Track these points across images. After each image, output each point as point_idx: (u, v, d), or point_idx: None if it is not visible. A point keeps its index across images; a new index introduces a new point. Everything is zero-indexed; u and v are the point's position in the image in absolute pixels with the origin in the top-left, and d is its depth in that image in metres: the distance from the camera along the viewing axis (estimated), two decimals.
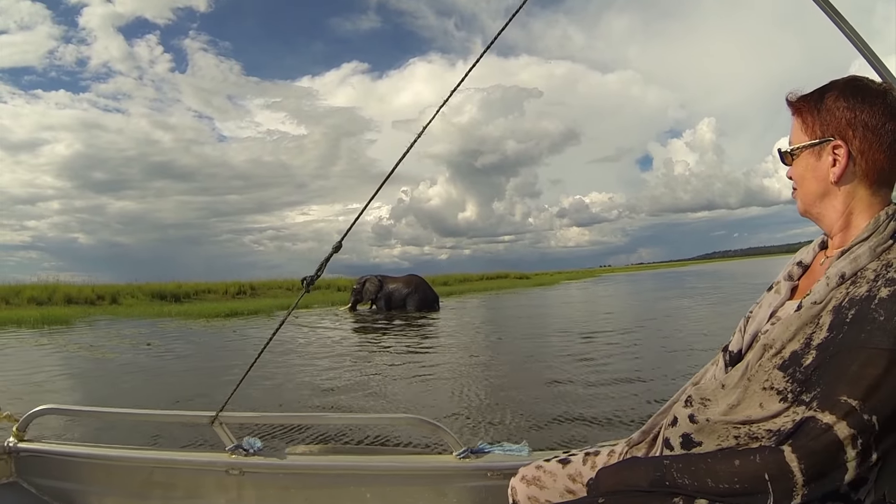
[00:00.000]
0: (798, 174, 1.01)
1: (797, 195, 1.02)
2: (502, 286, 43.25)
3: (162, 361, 9.83)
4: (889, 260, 0.87)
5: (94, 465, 1.82)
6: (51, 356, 10.51)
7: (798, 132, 0.99)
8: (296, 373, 8.17)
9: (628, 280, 56.39)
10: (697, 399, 0.98)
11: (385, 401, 6.30)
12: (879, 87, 0.94)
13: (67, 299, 23.65)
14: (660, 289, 32.89)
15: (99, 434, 4.32)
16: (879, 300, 0.82)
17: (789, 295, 1.03)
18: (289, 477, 1.72)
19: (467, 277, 48.87)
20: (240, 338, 13.54)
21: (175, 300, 26.79)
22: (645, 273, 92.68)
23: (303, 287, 1.64)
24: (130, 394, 7.02)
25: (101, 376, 8.44)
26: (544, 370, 7.78)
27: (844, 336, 0.83)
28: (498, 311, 21.41)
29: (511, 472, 1.29)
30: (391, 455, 1.85)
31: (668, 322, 13.70)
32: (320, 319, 17.61)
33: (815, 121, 0.96)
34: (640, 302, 23.35)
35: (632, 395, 5.96)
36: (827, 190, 0.97)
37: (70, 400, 6.72)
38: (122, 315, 20.61)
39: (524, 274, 60.80)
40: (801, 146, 0.99)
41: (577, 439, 4.45)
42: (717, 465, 0.86)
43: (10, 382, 7.85)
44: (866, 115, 0.92)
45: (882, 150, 0.92)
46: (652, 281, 48.39)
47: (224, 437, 1.74)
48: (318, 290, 31.96)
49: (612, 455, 1.18)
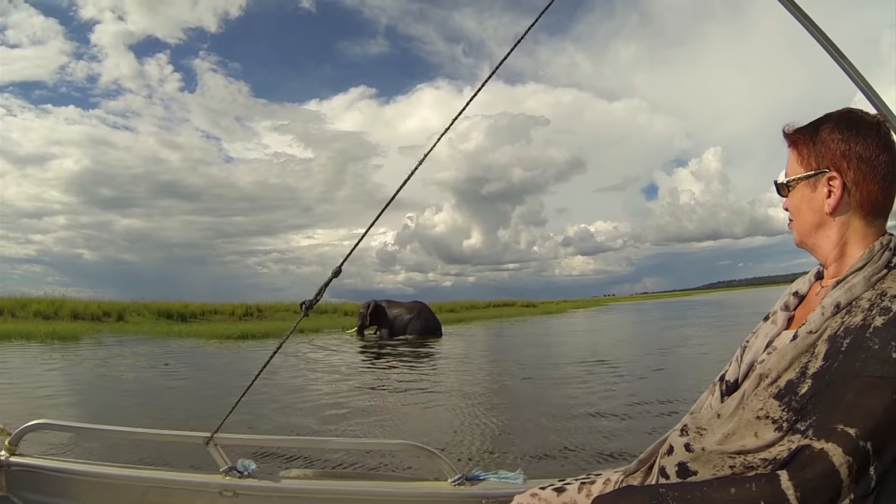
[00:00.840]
0: (794, 205, 1.02)
1: (793, 226, 1.04)
2: (510, 314, 42.88)
3: (183, 382, 9.57)
4: (883, 289, 0.88)
5: (86, 482, 1.78)
6: (68, 374, 10.23)
7: (794, 164, 1.01)
8: (298, 395, 8.10)
9: (635, 309, 55.87)
10: (693, 428, 0.99)
11: (383, 426, 6.21)
12: (873, 120, 0.96)
13: (74, 314, 23.48)
14: (669, 318, 32.48)
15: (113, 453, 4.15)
16: (874, 329, 0.83)
17: (786, 325, 1.04)
18: (282, 500, 1.70)
19: (474, 304, 48.63)
20: (257, 360, 13.14)
21: (181, 320, 26.64)
22: (651, 302, 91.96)
23: (301, 311, 1.64)
24: (158, 414, 6.73)
25: (123, 396, 8.16)
26: (547, 399, 7.57)
27: (840, 365, 0.83)
28: (506, 340, 21.05)
29: (506, 499, 1.29)
30: (386, 481, 1.81)
31: (679, 351, 13.41)
32: (329, 342, 17.85)
33: (811, 153, 0.98)
34: (652, 331, 22.94)
35: (639, 429, 5.69)
36: (822, 221, 0.98)
37: (97, 420, 6.41)
38: (130, 333, 20.40)
39: (531, 302, 60.29)
40: (796, 178, 1.00)
41: (574, 469, 4.20)
42: (712, 494, 0.86)
43: (29, 401, 7.57)
44: (860, 147, 0.93)
45: (876, 181, 0.94)
46: (660, 310, 47.87)
47: (218, 458, 1.73)
48: (325, 314, 32.10)
49: (607, 484, 1.17)
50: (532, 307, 55.21)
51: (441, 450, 1.71)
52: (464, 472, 1.67)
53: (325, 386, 9.16)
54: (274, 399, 7.59)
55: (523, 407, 7.05)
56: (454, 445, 5.17)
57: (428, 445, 1.71)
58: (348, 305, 32.87)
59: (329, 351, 15.53)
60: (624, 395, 7.38)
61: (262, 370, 1.65)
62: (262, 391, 8.27)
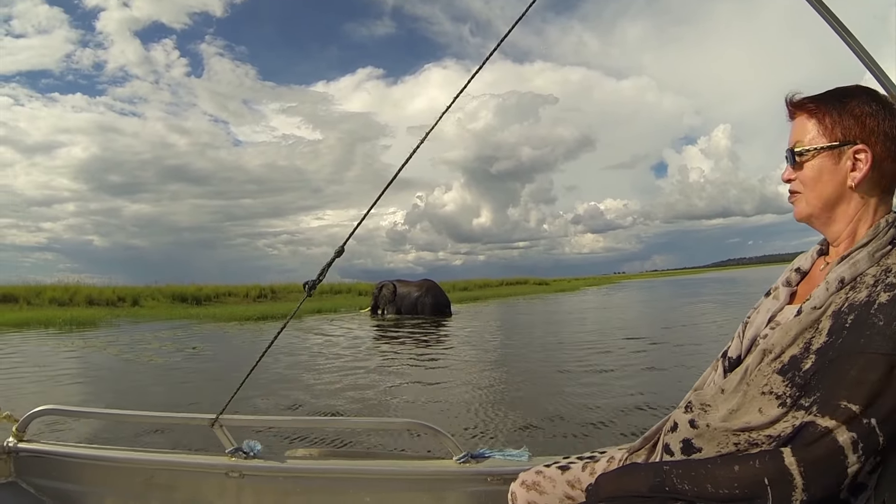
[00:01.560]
0: (810, 177, 0.98)
1: (802, 198, 1.00)
2: (524, 292, 42.56)
3: (214, 365, 9.20)
4: (888, 265, 0.88)
5: (94, 466, 1.80)
6: (96, 361, 9.86)
7: (812, 133, 0.97)
8: (311, 375, 8.01)
9: (648, 287, 55.46)
10: (697, 404, 0.98)
11: (391, 404, 6.10)
12: (892, 100, 0.96)
13: (89, 300, 23.42)
14: (686, 295, 32.04)
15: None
16: (879, 305, 0.83)
17: (788, 300, 1.04)
18: (288, 480, 1.71)
19: (487, 283, 48.74)
20: (282, 341, 12.87)
21: (196, 303, 26.67)
22: (662, 280, 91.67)
23: (305, 291, 1.59)
24: (201, 398, 6.24)
25: (161, 382, 7.73)
26: (559, 377, 7.34)
27: (844, 341, 0.83)
28: (526, 318, 20.73)
29: (511, 477, 1.28)
30: (391, 459, 1.82)
31: (696, 329, 12.97)
32: (344, 322, 18.06)
33: (836, 123, 0.95)
34: (673, 307, 22.56)
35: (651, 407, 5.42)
36: (842, 195, 0.96)
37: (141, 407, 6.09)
38: (147, 317, 20.22)
39: (543, 280, 60.34)
40: (821, 147, 0.96)
41: (580, 446, 4.11)
42: (716, 471, 0.86)
43: (63, 387, 7.23)
44: (888, 125, 0.92)
45: (894, 160, 0.93)
46: (673, 287, 47.47)
47: (224, 439, 1.73)
48: (340, 293, 32.17)
49: (611, 461, 1.17)
50: (545, 285, 55.13)
51: (452, 434, 1.66)
52: (469, 449, 1.65)
53: (343, 363, 9.14)
54: (292, 379, 7.54)
55: (542, 390, 6.70)
56: (465, 424, 5.05)
57: (433, 424, 1.68)
58: (362, 285, 33.28)
59: (345, 329, 15.66)
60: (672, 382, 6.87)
61: (266, 352, 1.63)
62: (286, 371, 8.18)
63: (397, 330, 15.08)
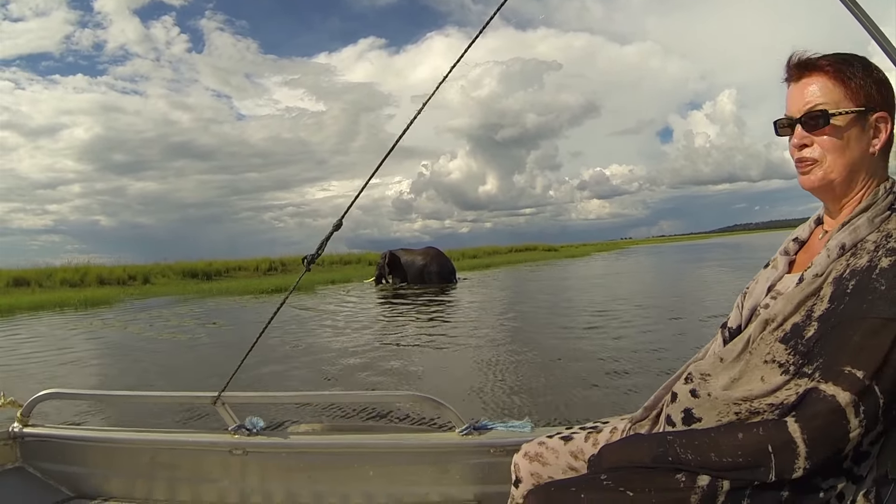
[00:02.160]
0: (833, 142, 0.93)
1: (820, 166, 0.95)
2: (534, 258, 42.41)
3: (237, 339, 9.16)
4: (889, 231, 0.87)
5: (98, 448, 1.81)
6: (121, 341, 9.79)
7: (835, 96, 0.93)
8: (326, 344, 8.13)
9: (657, 252, 55.09)
10: (697, 374, 0.98)
11: (397, 376, 6.07)
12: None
13: (100, 280, 23.48)
14: (698, 260, 32.01)
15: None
16: (881, 270, 0.83)
17: (787, 269, 1.04)
18: (292, 456, 1.72)
19: (496, 250, 48.68)
20: (304, 314, 12.81)
21: (206, 278, 26.74)
22: (669, 245, 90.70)
23: (304, 266, 1.59)
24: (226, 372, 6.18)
25: (193, 359, 7.76)
26: (571, 344, 7.31)
27: (846, 307, 0.83)
28: (534, 284, 20.76)
29: (514, 448, 1.27)
30: (394, 433, 1.86)
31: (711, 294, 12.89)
32: (353, 292, 18.32)
33: (861, 87, 0.92)
34: (691, 271, 22.58)
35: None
36: (863, 161, 0.94)
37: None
38: (160, 294, 20.31)
39: (552, 246, 60.15)
40: (849, 111, 0.92)
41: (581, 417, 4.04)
42: (719, 439, 0.86)
43: (92, 370, 7.22)
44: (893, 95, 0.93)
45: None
46: (683, 252, 47.05)
47: (227, 417, 1.73)
48: (349, 264, 32.15)
49: (614, 432, 1.15)
50: (554, 251, 54.85)
51: (460, 411, 1.65)
52: (471, 421, 1.65)
53: (352, 334, 9.16)
54: (302, 352, 7.56)
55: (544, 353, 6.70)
56: (475, 395, 5.02)
57: (435, 396, 1.69)
58: (371, 255, 33.06)
59: (354, 300, 15.83)
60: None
61: (265, 329, 1.63)
62: (294, 344, 8.21)
63: (405, 299, 15.13)
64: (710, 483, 0.86)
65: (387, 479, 1.68)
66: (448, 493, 1.64)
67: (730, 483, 0.85)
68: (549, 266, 32.11)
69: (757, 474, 0.82)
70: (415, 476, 1.67)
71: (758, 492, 0.83)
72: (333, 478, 1.70)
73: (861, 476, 0.87)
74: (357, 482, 1.68)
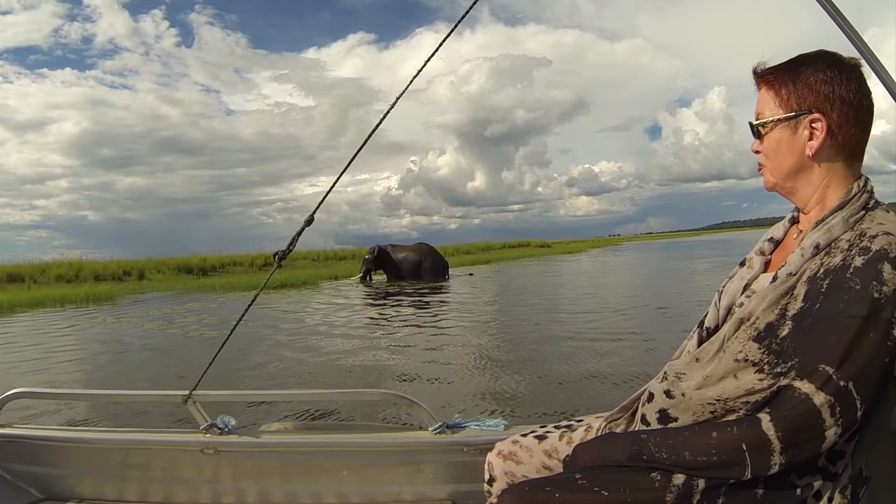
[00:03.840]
0: (771, 148, 0.99)
1: (767, 170, 1.00)
2: (529, 254, 42.71)
3: (267, 334, 8.99)
4: (862, 230, 0.87)
5: (68, 449, 1.78)
6: (144, 338, 9.51)
7: (770, 105, 0.97)
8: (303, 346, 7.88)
9: (650, 248, 55.51)
10: (672, 374, 0.98)
11: (387, 375, 5.98)
12: (852, 62, 0.94)
13: (95, 276, 23.02)
14: (693, 256, 32.40)
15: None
16: (854, 269, 0.83)
17: (763, 269, 1.04)
18: (264, 455, 1.71)
19: (489, 246, 48.76)
20: (317, 309, 12.77)
21: (202, 273, 26.44)
22: (659, 242, 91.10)
23: (275, 262, 1.58)
24: (280, 369, 6.24)
25: (234, 357, 7.51)
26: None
27: (821, 306, 0.83)
28: (554, 278, 20.86)
29: (487, 447, 1.28)
30: (367, 432, 1.81)
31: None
32: (343, 290, 17.85)
33: (791, 93, 0.95)
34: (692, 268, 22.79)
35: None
36: (802, 164, 0.96)
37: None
38: (162, 290, 20.01)
39: (545, 242, 60.36)
40: (776, 119, 0.97)
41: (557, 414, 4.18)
42: (694, 438, 0.87)
43: (133, 370, 7.04)
44: (844, 90, 0.91)
45: (857, 124, 0.92)
46: (676, 249, 47.42)
47: (198, 415, 1.72)
48: (346, 260, 31.96)
49: (588, 431, 1.16)
50: (547, 247, 55.09)
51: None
52: (444, 419, 1.65)
53: (345, 333, 9.03)
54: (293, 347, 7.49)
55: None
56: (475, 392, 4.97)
57: (407, 394, 1.69)
58: (363, 251, 32.80)
59: (344, 299, 15.40)
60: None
61: (237, 325, 1.61)
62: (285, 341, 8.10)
63: (399, 296, 15.07)
64: (685, 481, 0.86)
65: (360, 478, 1.68)
66: (422, 491, 1.64)
67: (705, 481, 0.85)
68: (551, 262, 32.30)
69: (732, 472, 0.83)
70: (388, 475, 1.67)
71: (733, 490, 0.84)
72: (306, 477, 1.70)
73: (836, 474, 0.88)
74: (330, 481, 1.68)
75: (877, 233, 0.86)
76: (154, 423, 3.78)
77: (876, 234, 0.85)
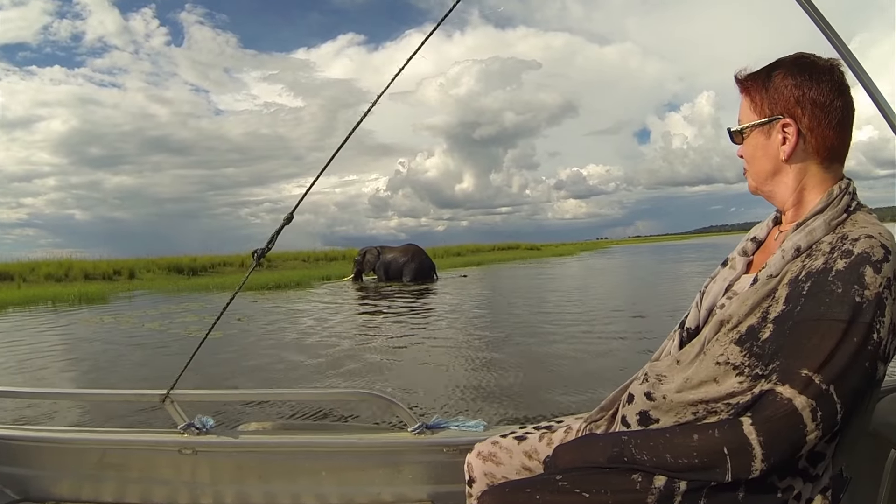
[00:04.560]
0: (749, 153, 1.00)
1: (748, 174, 1.02)
2: (519, 256, 42.84)
3: (276, 333, 9.12)
4: (844, 233, 0.87)
5: (44, 449, 1.74)
6: (146, 338, 9.42)
7: (747, 111, 0.99)
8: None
9: (638, 252, 55.94)
10: (653, 375, 0.98)
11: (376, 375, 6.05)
12: (826, 64, 0.94)
13: (85, 275, 22.82)
14: (685, 260, 32.76)
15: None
16: (836, 272, 0.82)
17: (745, 269, 1.03)
18: (243, 455, 1.69)
19: (479, 248, 48.84)
20: (319, 309, 12.85)
21: (192, 273, 26.34)
22: (647, 246, 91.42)
23: (253, 260, 1.58)
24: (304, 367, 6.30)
25: (236, 354, 7.50)
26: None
27: (802, 309, 0.83)
28: (551, 281, 20.96)
29: (467, 447, 1.28)
30: (346, 432, 1.83)
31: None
32: (334, 290, 18.11)
33: (764, 99, 0.96)
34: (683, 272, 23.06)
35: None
36: (778, 168, 0.97)
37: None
38: (154, 289, 19.96)
39: (535, 245, 60.53)
40: (750, 125, 0.98)
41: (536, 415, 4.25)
42: (675, 440, 0.87)
43: (152, 368, 7.04)
44: (814, 93, 0.91)
45: (831, 126, 0.92)
46: (666, 252, 48.01)
47: (175, 415, 1.70)
48: (336, 260, 32.01)
49: (568, 432, 1.15)
50: (537, 250, 55.22)
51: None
52: (424, 420, 1.64)
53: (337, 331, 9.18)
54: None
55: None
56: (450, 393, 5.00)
57: (387, 394, 1.70)
58: (354, 252, 32.90)
59: (333, 298, 15.75)
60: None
61: (214, 326, 1.59)
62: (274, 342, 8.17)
63: (390, 297, 15.23)
64: (666, 483, 0.86)
65: (339, 478, 1.67)
66: (401, 492, 1.64)
67: (686, 483, 0.85)
68: (544, 265, 32.41)
69: (713, 475, 0.83)
70: (367, 475, 1.66)
71: (714, 492, 0.84)
72: (285, 477, 1.69)
73: (817, 475, 0.88)
74: (309, 482, 1.67)
75: (859, 236, 0.85)
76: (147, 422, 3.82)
77: (858, 238, 0.85)
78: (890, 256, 0.83)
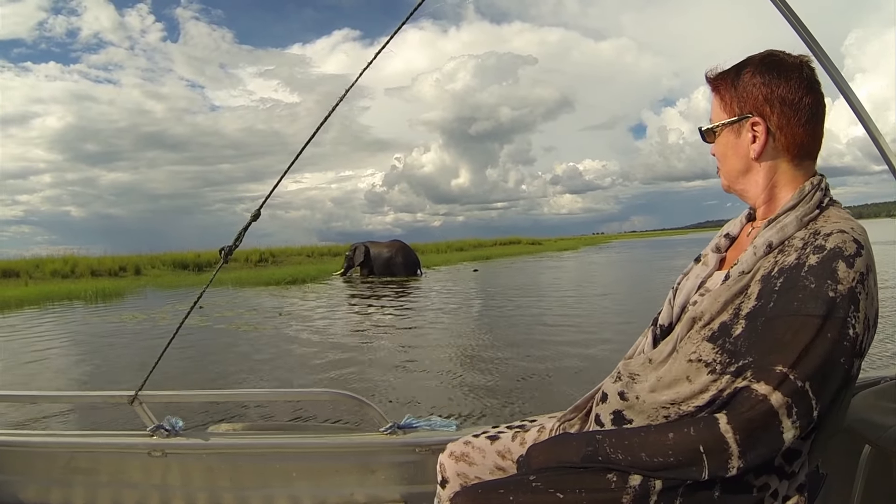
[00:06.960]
0: (720, 152, 1.00)
1: (720, 173, 1.02)
2: (523, 251, 43.13)
3: (326, 327, 9.14)
4: (816, 228, 0.87)
5: (10, 453, 1.69)
6: (202, 336, 9.18)
7: (717, 110, 0.99)
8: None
9: (637, 246, 56.11)
10: (626, 374, 0.97)
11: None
12: (795, 61, 0.93)
13: (91, 272, 22.61)
14: (687, 254, 32.86)
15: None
16: (809, 267, 0.82)
17: (717, 266, 1.03)
18: (213, 457, 1.67)
19: (480, 243, 49.06)
20: (352, 305, 12.86)
21: (197, 269, 26.20)
22: (644, 241, 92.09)
23: (221, 257, 1.57)
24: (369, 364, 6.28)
25: (302, 352, 7.45)
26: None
27: (775, 304, 0.82)
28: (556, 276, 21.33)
29: (439, 447, 1.28)
30: (317, 432, 1.82)
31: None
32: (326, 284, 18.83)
33: (733, 98, 0.96)
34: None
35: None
36: (748, 166, 0.97)
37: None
38: (166, 286, 19.86)
39: (536, 240, 60.94)
40: (720, 124, 0.98)
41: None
42: (650, 439, 0.86)
43: (214, 368, 6.97)
44: (783, 90, 0.91)
45: (801, 124, 0.91)
46: (665, 247, 48.03)
47: (144, 417, 1.65)
48: (335, 256, 32.12)
49: (542, 431, 1.15)
50: (538, 245, 55.50)
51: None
52: (395, 420, 1.63)
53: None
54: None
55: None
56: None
57: (357, 393, 1.69)
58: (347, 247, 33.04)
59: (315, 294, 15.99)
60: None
61: (182, 323, 1.59)
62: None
63: (378, 291, 15.63)
64: (642, 482, 0.85)
65: (311, 479, 1.65)
66: (374, 493, 1.63)
67: (662, 482, 0.84)
68: (550, 259, 32.71)
69: (689, 473, 0.82)
70: (340, 476, 1.65)
71: (690, 490, 0.83)
72: (257, 479, 1.67)
73: (793, 473, 0.87)
74: (281, 483, 1.66)
75: (831, 231, 0.85)
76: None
77: (830, 233, 0.85)
78: (862, 251, 0.83)
